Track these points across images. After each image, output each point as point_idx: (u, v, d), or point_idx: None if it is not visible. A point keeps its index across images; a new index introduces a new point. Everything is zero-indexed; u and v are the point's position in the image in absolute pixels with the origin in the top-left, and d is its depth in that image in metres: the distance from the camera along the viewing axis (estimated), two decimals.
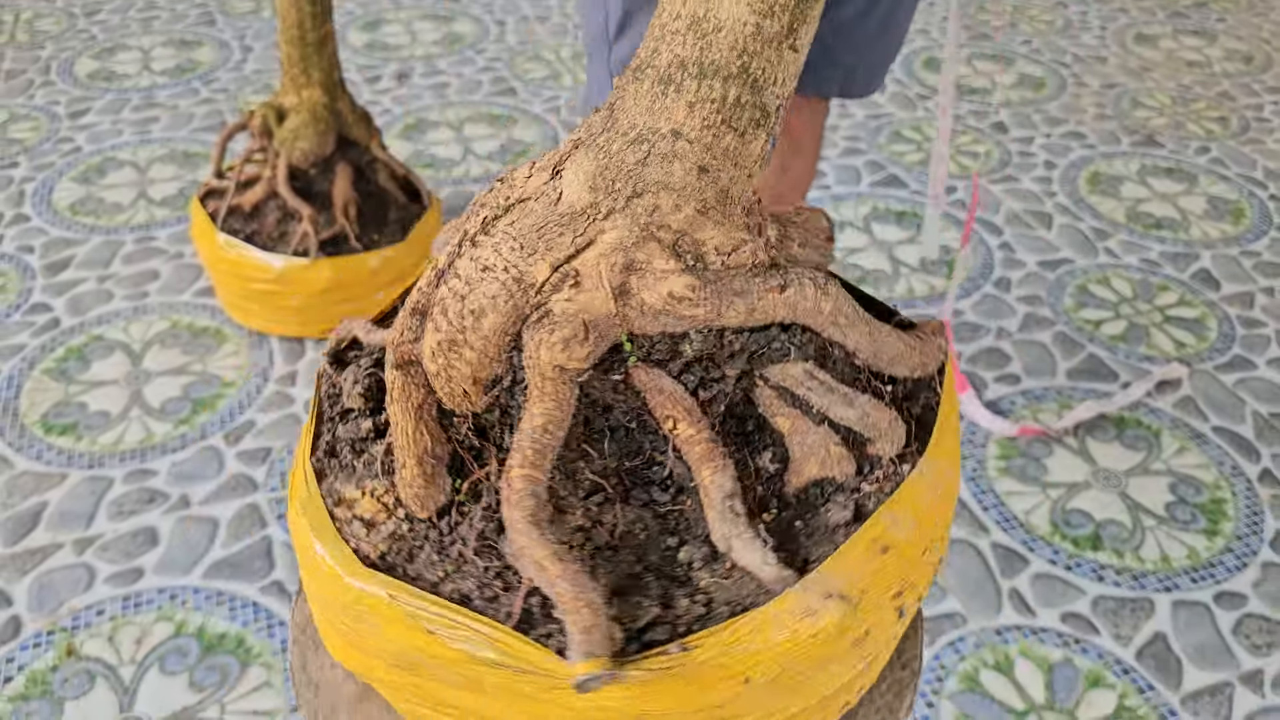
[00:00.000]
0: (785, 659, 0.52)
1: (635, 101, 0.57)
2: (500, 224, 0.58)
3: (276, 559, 1.37)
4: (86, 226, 2.00)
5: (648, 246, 0.55)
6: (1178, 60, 2.75)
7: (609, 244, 0.56)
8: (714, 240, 0.56)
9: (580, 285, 0.56)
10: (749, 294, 0.56)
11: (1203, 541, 1.44)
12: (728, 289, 0.56)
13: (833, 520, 0.57)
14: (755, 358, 0.58)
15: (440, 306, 0.57)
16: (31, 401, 1.60)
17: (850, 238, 2.01)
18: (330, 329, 1.69)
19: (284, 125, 1.64)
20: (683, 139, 0.55)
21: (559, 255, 0.56)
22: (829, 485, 0.59)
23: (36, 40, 2.70)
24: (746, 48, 0.53)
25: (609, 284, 0.55)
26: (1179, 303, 1.88)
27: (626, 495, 0.58)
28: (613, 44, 1.04)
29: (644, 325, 0.56)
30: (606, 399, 0.59)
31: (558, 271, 0.56)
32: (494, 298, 0.56)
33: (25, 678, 1.23)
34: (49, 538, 1.40)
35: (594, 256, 0.56)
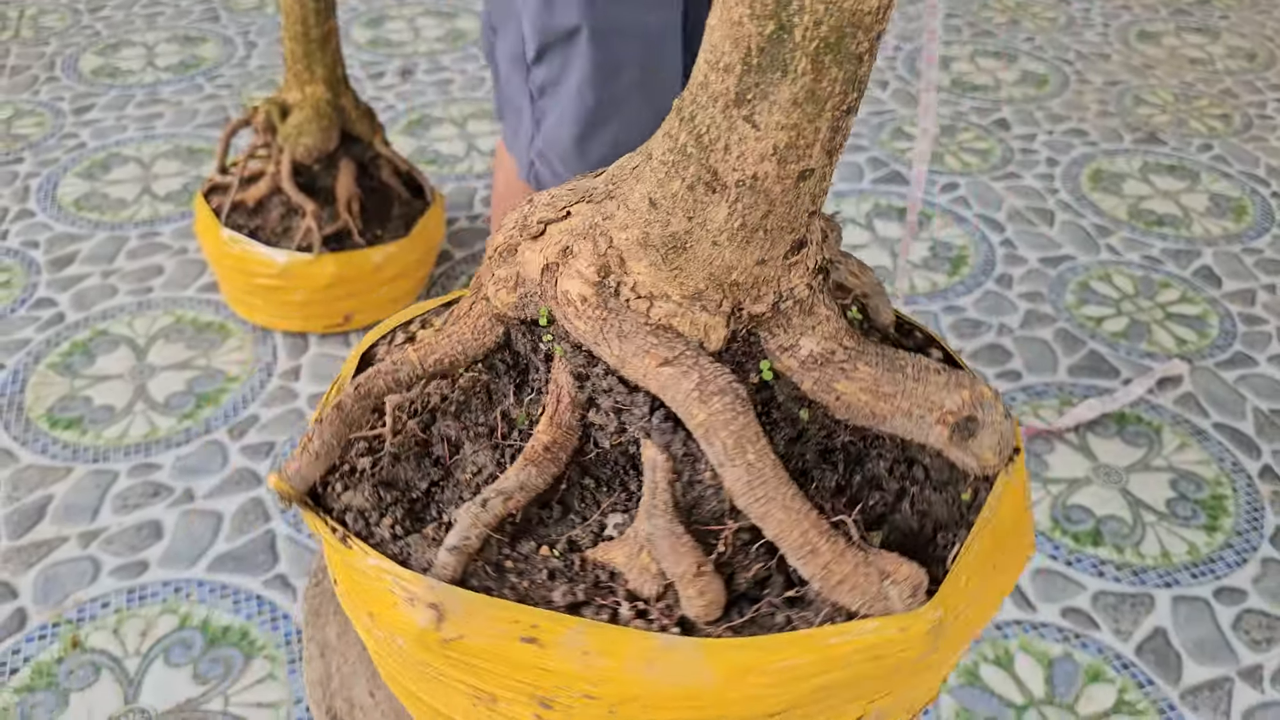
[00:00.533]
0: None
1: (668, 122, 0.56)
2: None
3: (280, 553, 1.38)
4: (91, 222, 2.00)
5: (584, 242, 0.56)
6: (1180, 57, 2.75)
7: (570, 224, 0.57)
8: (641, 278, 0.55)
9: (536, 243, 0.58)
10: (629, 340, 0.55)
11: (1203, 537, 1.44)
12: (614, 323, 0.55)
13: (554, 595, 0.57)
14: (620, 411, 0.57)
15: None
16: (37, 396, 1.61)
17: (852, 234, 2.02)
18: (334, 324, 1.70)
19: (288, 121, 1.65)
20: (652, 160, 0.55)
21: (549, 214, 0.58)
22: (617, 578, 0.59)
23: (41, 36, 2.70)
24: (696, 97, 0.52)
25: (545, 255, 0.57)
26: (1180, 300, 1.88)
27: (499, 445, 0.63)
28: (531, 67, 1.07)
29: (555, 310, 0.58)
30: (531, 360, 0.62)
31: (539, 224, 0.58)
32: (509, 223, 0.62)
33: (31, 669, 1.24)
34: (54, 531, 1.40)
35: (560, 227, 0.58)
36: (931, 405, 0.57)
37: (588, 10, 0.99)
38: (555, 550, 0.57)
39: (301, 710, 1.20)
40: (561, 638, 0.52)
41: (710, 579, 0.53)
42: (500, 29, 1.10)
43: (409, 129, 2.32)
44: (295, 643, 1.27)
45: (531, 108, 1.10)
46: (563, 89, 1.06)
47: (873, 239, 2.01)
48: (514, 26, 1.08)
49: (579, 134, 1.08)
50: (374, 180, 1.73)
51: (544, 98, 1.09)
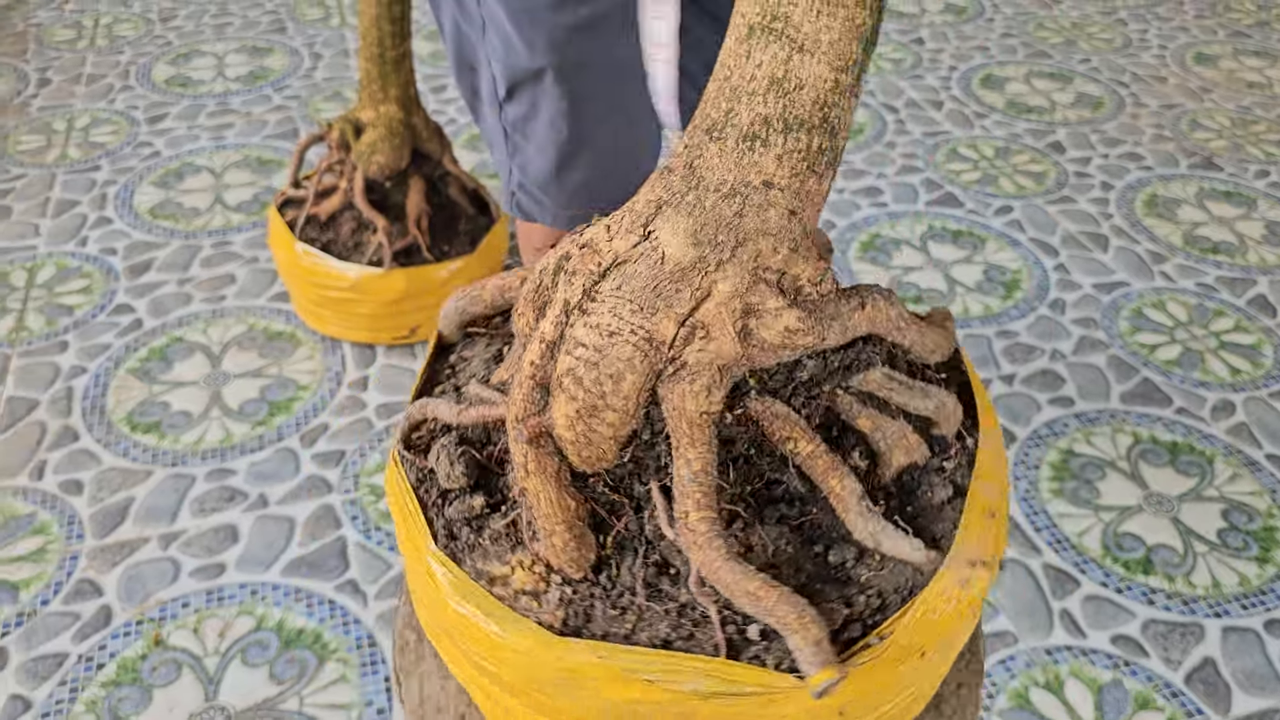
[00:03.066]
0: (949, 627, 0.60)
1: (721, 159, 0.61)
2: (605, 289, 0.61)
3: (351, 559, 1.43)
4: (166, 230, 2.08)
5: (759, 289, 0.60)
6: (1238, 81, 2.75)
7: (725, 293, 0.60)
8: (806, 273, 0.62)
9: (709, 335, 0.60)
10: (841, 316, 0.63)
11: (1254, 569, 1.46)
12: (825, 314, 0.62)
13: (937, 498, 0.65)
14: (847, 371, 0.65)
15: (571, 377, 0.60)
16: (118, 400, 1.68)
17: (907, 256, 2.04)
18: (400, 336, 1.76)
19: (361, 139, 1.71)
20: (775, 188, 0.60)
21: (681, 310, 0.61)
22: (915, 469, 0.66)
23: (116, 45, 2.79)
24: (827, 100, 0.59)
25: (733, 329, 0.60)
26: (1235, 328, 1.89)
27: (760, 516, 0.64)
28: (503, 105, 1.09)
29: (763, 360, 0.62)
30: (727, 433, 0.63)
31: (684, 326, 0.61)
32: (629, 359, 0.60)
33: (116, 665, 1.30)
34: (136, 532, 1.47)
35: (714, 306, 0.61)
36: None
37: (550, 51, 1.02)
38: None
39: (373, 713, 1.25)
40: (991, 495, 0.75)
41: (955, 400, 0.68)
42: (477, 68, 1.13)
43: (470, 143, 2.38)
44: (366, 647, 1.32)
45: (506, 143, 1.13)
46: (536, 124, 1.09)
47: (927, 260, 2.04)
48: (485, 67, 1.11)
49: (557, 165, 1.12)
50: (442, 197, 1.78)
51: (517, 133, 1.12)
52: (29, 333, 1.81)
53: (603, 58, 1.05)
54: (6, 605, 1.37)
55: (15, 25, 2.89)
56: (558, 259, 0.65)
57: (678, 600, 0.60)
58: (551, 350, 0.62)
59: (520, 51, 1.03)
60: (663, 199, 0.62)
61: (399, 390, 1.71)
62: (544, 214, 1.19)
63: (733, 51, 0.60)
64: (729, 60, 0.61)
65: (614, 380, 0.60)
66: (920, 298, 1.94)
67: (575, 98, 1.05)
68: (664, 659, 0.57)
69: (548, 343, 0.62)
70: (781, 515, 0.64)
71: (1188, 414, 1.70)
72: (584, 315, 0.61)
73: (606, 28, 1.03)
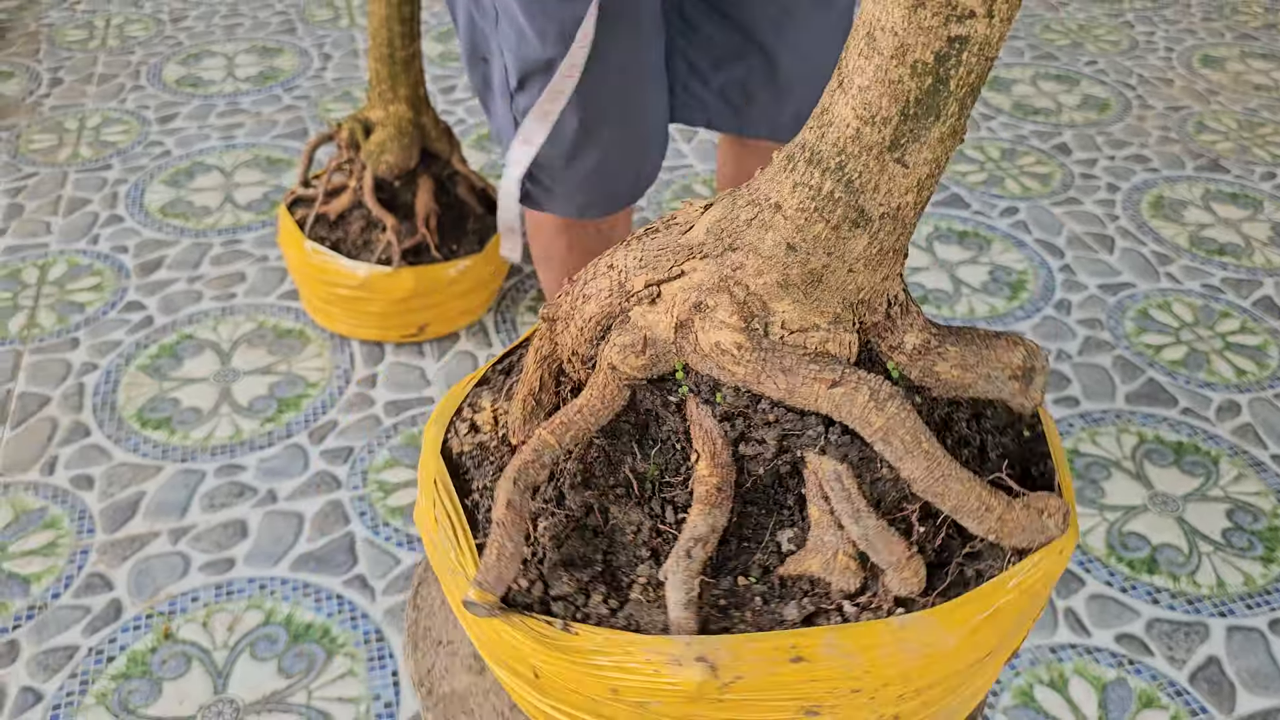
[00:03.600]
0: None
1: (770, 169, 0.62)
2: (647, 236, 0.66)
3: (359, 555, 1.44)
4: (176, 228, 2.09)
5: (719, 295, 0.61)
6: (1245, 83, 2.75)
7: (691, 282, 0.62)
8: (786, 315, 0.61)
9: (655, 305, 0.62)
10: (794, 374, 0.61)
11: (1259, 568, 1.46)
12: (775, 362, 0.61)
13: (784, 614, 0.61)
14: (789, 437, 0.63)
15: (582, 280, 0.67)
16: (128, 396, 1.69)
17: (913, 257, 2.05)
18: (409, 334, 1.77)
19: (370, 139, 1.72)
20: (781, 213, 0.60)
21: (656, 275, 0.63)
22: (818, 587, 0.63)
23: (126, 45, 2.81)
24: (846, 149, 0.57)
25: (675, 313, 0.61)
26: (1240, 329, 1.89)
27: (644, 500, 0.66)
28: (513, 95, 1.11)
29: (695, 362, 0.62)
30: (661, 413, 0.66)
31: (649, 288, 0.63)
32: (600, 290, 0.66)
33: (126, 658, 1.31)
34: (146, 526, 1.48)
35: (676, 286, 0.62)
36: (1002, 365, 0.67)
37: (560, 41, 1.03)
38: (752, 577, 0.62)
39: (380, 706, 1.26)
40: (819, 649, 0.58)
41: (918, 559, 0.61)
42: (489, 59, 1.14)
43: (479, 142, 2.39)
44: (374, 641, 1.33)
45: (517, 132, 1.14)
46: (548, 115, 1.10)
47: (933, 261, 2.04)
48: (498, 57, 1.12)
49: (567, 153, 1.13)
50: (451, 196, 1.79)
51: (535, 121, 1.13)
52: (41, 330, 1.83)
53: (611, 49, 1.06)
54: (18, 598, 1.38)
55: (27, 25, 2.91)
56: None
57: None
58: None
59: (532, 41, 1.04)
60: (735, 189, 0.64)
61: (407, 388, 1.72)
62: (552, 202, 1.20)
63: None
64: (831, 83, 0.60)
65: (584, 300, 0.66)
66: (926, 298, 1.94)
67: (584, 87, 1.06)
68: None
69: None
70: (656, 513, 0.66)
71: (1193, 414, 1.71)
72: (625, 249, 0.66)
73: (616, 19, 1.04)
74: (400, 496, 1.52)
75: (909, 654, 0.59)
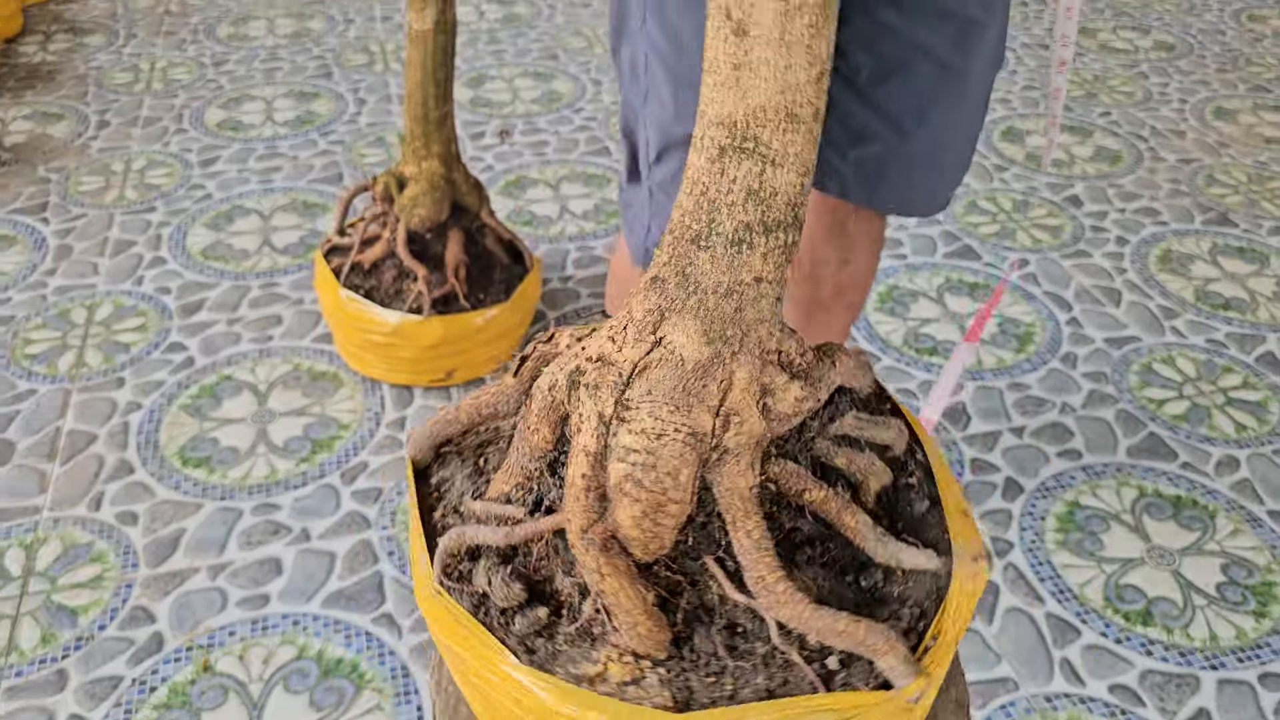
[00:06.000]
0: (968, 617, 0.70)
1: (713, 265, 0.69)
2: (636, 396, 0.68)
3: (387, 593, 1.52)
4: (217, 271, 2.19)
5: (769, 370, 0.69)
6: (1256, 136, 2.81)
7: (744, 380, 0.69)
8: (793, 346, 0.71)
9: (741, 418, 0.68)
10: (825, 376, 0.73)
11: (1251, 622, 1.51)
12: (815, 378, 0.72)
13: (917, 511, 0.75)
14: (830, 420, 0.75)
15: (631, 481, 0.67)
16: (170, 435, 1.78)
17: (923, 308, 2.12)
18: (437, 379, 1.85)
19: (404, 193, 1.81)
20: (764, 282, 0.68)
21: (713, 403, 0.68)
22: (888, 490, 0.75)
23: (170, 89, 2.93)
24: (796, 201, 0.68)
25: (758, 410, 0.69)
26: (1242, 385, 1.95)
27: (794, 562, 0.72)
28: (652, 167, 1.20)
29: (781, 429, 0.70)
30: None
31: (718, 416, 0.68)
32: (681, 455, 0.67)
33: (167, 689, 1.39)
34: (187, 562, 1.56)
35: (738, 393, 0.69)
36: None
37: None
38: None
39: None
40: None
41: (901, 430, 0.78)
42: (635, 133, 1.24)
43: (506, 189, 2.48)
44: (400, 677, 1.41)
45: (650, 202, 1.23)
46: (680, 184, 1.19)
47: (944, 313, 2.11)
48: (641, 132, 1.21)
49: None
50: (479, 247, 1.88)
51: (661, 193, 1.22)
52: (88, 369, 1.92)
53: None
54: (67, 629, 1.46)
55: (77, 68, 3.03)
56: (567, 374, 0.72)
57: (757, 654, 0.68)
58: (598, 460, 0.68)
59: (677, 118, 1.14)
60: (664, 306, 0.70)
61: None
62: None
63: (706, 170, 0.68)
64: (703, 178, 0.68)
65: (672, 476, 0.66)
66: (935, 349, 2.01)
67: None
68: (778, 708, 0.64)
69: (592, 454, 0.68)
70: (809, 557, 0.72)
71: (1192, 469, 1.76)
72: (624, 423, 0.67)
73: None
74: None
75: None
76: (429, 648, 1.43)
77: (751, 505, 0.67)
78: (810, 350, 0.73)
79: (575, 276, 2.19)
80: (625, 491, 0.67)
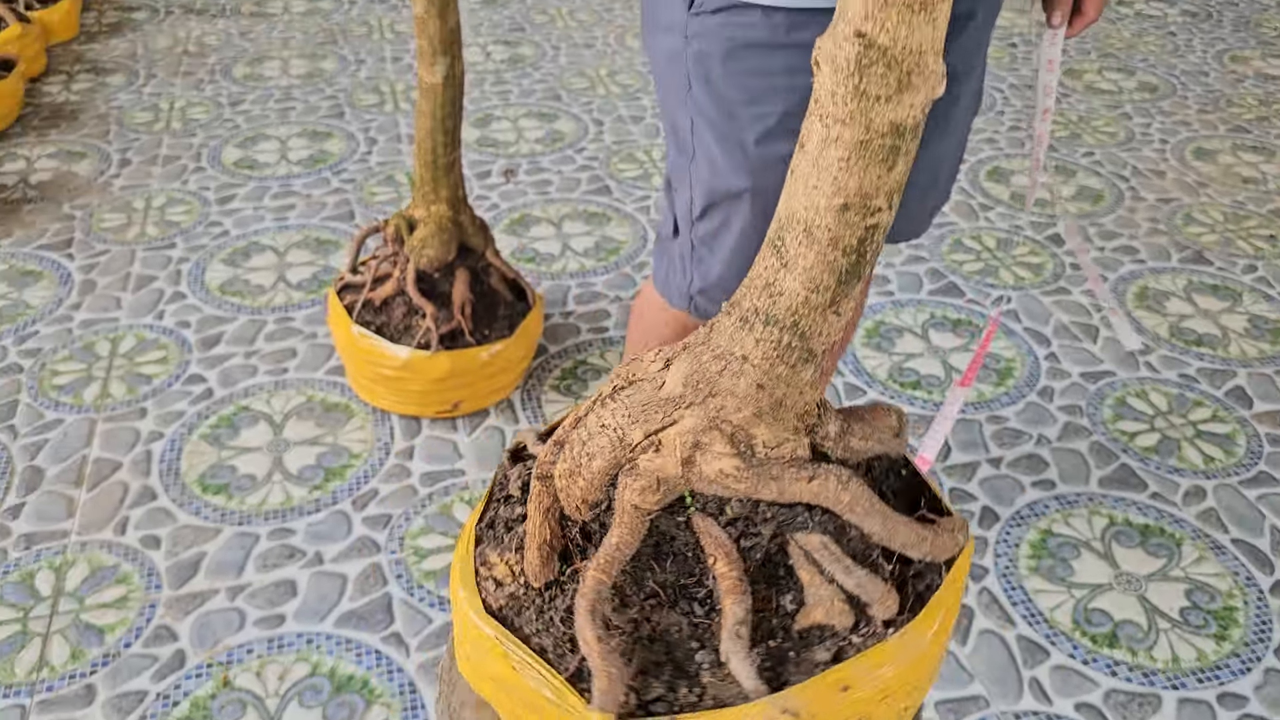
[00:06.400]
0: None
1: (723, 330, 0.80)
2: (622, 394, 0.83)
3: (396, 614, 1.61)
4: (234, 305, 2.29)
5: (711, 433, 0.79)
6: (1234, 176, 2.91)
7: (685, 427, 0.79)
8: (763, 436, 0.79)
9: (660, 451, 0.79)
10: (782, 479, 0.79)
11: (1211, 645, 1.60)
12: (766, 473, 0.79)
13: (817, 658, 0.80)
14: (783, 525, 0.82)
15: (571, 444, 0.83)
16: (190, 463, 1.88)
17: (908, 343, 2.21)
18: (444, 410, 1.95)
19: (414, 234, 1.91)
20: (749, 363, 0.78)
21: (650, 427, 0.80)
22: (827, 631, 0.81)
23: (189, 128, 3.05)
24: (798, 311, 0.76)
25: (679, 454, 0.79)
26: (1212, 418, 2.04)
27: (674, 603, 0.82)
28: (694, 223, 1.29)
29: (701, 487, 0.80)
30: (672, 532, 0.83)
31: (648, 438, 0.80)
32: (602, 448, 0.81)
33: (189, 703, 1.48)
34: (207, 584, 1.66)
35: (674, 433, 0.80)
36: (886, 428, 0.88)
37: (751, 176, 1.21)
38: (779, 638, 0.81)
39: None
40: (856, 675, 0.77)
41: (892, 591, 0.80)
42: (678, 190, 1.34)
43: (511, 227, 2.59)
44: (408, 693, 1.50)
45: (692, 254, 1.33)
46: (726, 237, 1.29)
47: (928, 348, 2.21)
48: (685, 188, 1.31)
49: (740, 271, 1.30)
50: (484, 285, 1.98)
51: (703, 246, 1.31)
52: (112, 399, 2.02)
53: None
54: (94, 646, 1.56)
55: (98, 107, 3.15)
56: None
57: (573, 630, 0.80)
58: (576, 424, 0.85)
59: (725, 175, 1.23)
60: (688, 344, 0.82)
61: (441, 460, 1.90)
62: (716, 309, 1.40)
63: (761, 254, 0.79)
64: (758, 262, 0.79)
65: (589, 457, 0.81)
66: (919, 383, 2.10)
67: (764, 214, 1.22)
68: (529, 658, 0.80)
69: (576, 418, 0.86)
70: (690, 611, 0.82)
71: (1161, 499, 1.85)
72: (599, 408, 0.83)
73: None
74: (433, 561, 1.70)
75: (908, 658, 0.79)
76: (433, 664, 1.53)
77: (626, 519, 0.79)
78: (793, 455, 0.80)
79: (576, 312, 2.30)
80: (567, 450, 0.83)
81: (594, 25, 3.84)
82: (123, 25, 3.76)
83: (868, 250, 0.75)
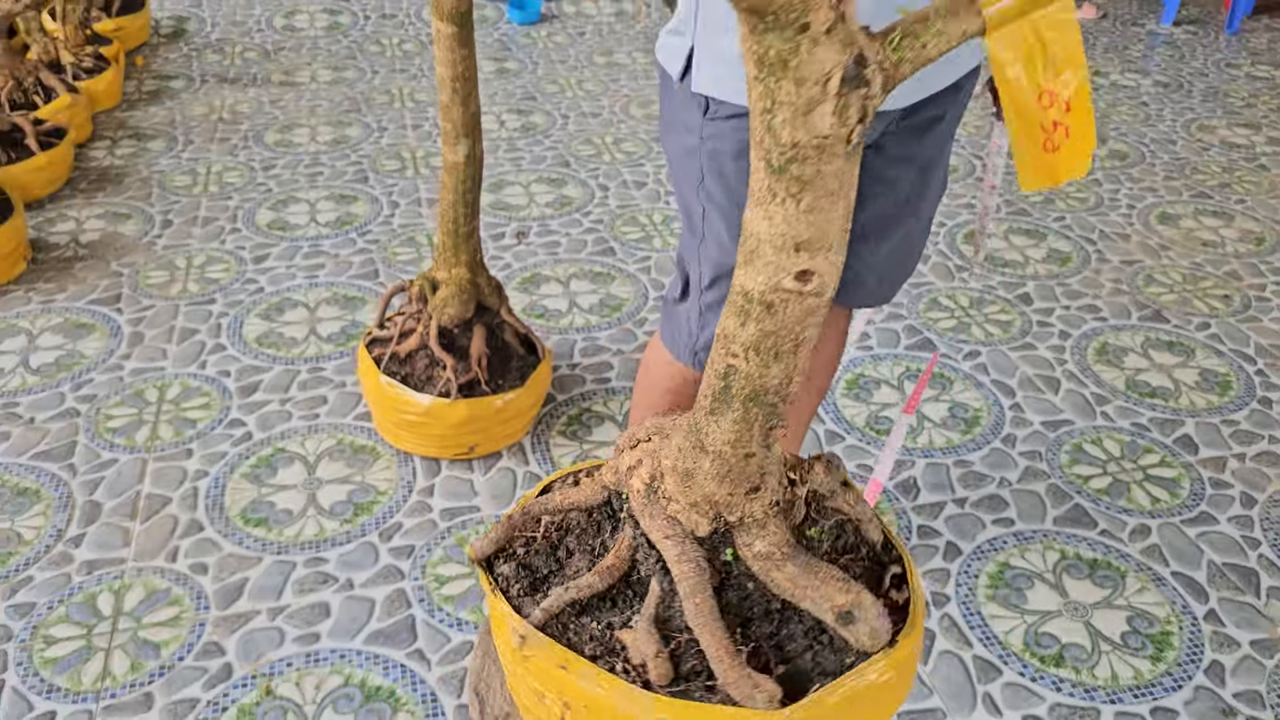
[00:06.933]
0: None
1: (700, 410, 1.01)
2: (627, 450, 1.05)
3: (419, 633, 1.81)
4: (270, 356, 2.51)
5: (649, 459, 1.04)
6: (1194, 239, 3.13)
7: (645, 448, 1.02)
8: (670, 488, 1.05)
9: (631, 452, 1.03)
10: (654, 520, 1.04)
11: (1148, 665, 1.79)
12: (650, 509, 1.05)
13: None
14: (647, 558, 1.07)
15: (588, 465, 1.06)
16: (233, 499, 2.09)
17: (883, 394, 2.42)
18: (461, 452, 2.16)
19: (437, 294, 2.13)
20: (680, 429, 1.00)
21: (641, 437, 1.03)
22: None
23: (225, 191, 3.29)
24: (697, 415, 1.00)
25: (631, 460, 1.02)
26: (1160, 464, 2.24)
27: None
28: (704, 290, 1.50)
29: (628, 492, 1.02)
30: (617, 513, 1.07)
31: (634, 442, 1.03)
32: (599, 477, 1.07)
33: (236, 709, 1.68)
34: (250, 606, 1.86)
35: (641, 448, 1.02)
36: (826, 599, 0.99)
37: None
38: (599, 625, 1.00)
39: None
40: (580, 672, 0.96)
41: (663, 661, 0.95)
42: (689, 267, 1.54)
43: (522, 285, 2.82)
44: (429, 702, 1.69)
45: (699, 318, 1.54)
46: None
47: (902, 399, 2.41)
48: (695, 264, 1.52)
49: None
50: (498, 340, 2.20)
51: (710, 311, 1.52)
52: (161, 441, 2.24)
53: None
54: (151, 660, 1.76)
55: (140, 171, 3.40)
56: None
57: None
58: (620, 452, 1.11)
59: (731, 254, 1.42)
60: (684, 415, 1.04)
61: (459, 497, 2.10)
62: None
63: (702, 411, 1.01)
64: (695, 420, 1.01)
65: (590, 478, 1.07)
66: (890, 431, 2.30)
67: None
68: None
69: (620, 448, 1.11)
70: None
71: (1109, 535, 2.05)
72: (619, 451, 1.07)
73: None
74: (452, 587, 1.89)
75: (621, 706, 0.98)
76: (453, 678, 1.72)
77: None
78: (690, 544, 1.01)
79: (581, 364, 2.51)
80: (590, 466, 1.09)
81: (600, 95, 4.11)
82: (161, 93, 4.03)
83: (731, 385, 0.92)
